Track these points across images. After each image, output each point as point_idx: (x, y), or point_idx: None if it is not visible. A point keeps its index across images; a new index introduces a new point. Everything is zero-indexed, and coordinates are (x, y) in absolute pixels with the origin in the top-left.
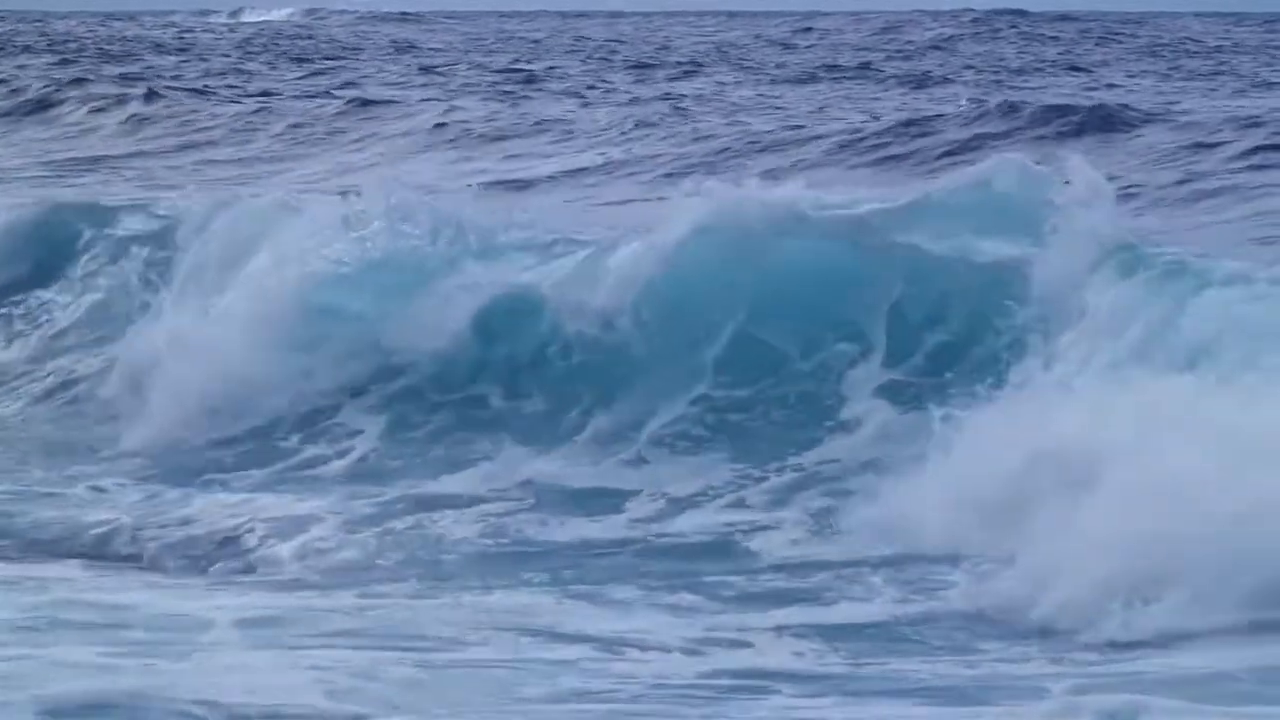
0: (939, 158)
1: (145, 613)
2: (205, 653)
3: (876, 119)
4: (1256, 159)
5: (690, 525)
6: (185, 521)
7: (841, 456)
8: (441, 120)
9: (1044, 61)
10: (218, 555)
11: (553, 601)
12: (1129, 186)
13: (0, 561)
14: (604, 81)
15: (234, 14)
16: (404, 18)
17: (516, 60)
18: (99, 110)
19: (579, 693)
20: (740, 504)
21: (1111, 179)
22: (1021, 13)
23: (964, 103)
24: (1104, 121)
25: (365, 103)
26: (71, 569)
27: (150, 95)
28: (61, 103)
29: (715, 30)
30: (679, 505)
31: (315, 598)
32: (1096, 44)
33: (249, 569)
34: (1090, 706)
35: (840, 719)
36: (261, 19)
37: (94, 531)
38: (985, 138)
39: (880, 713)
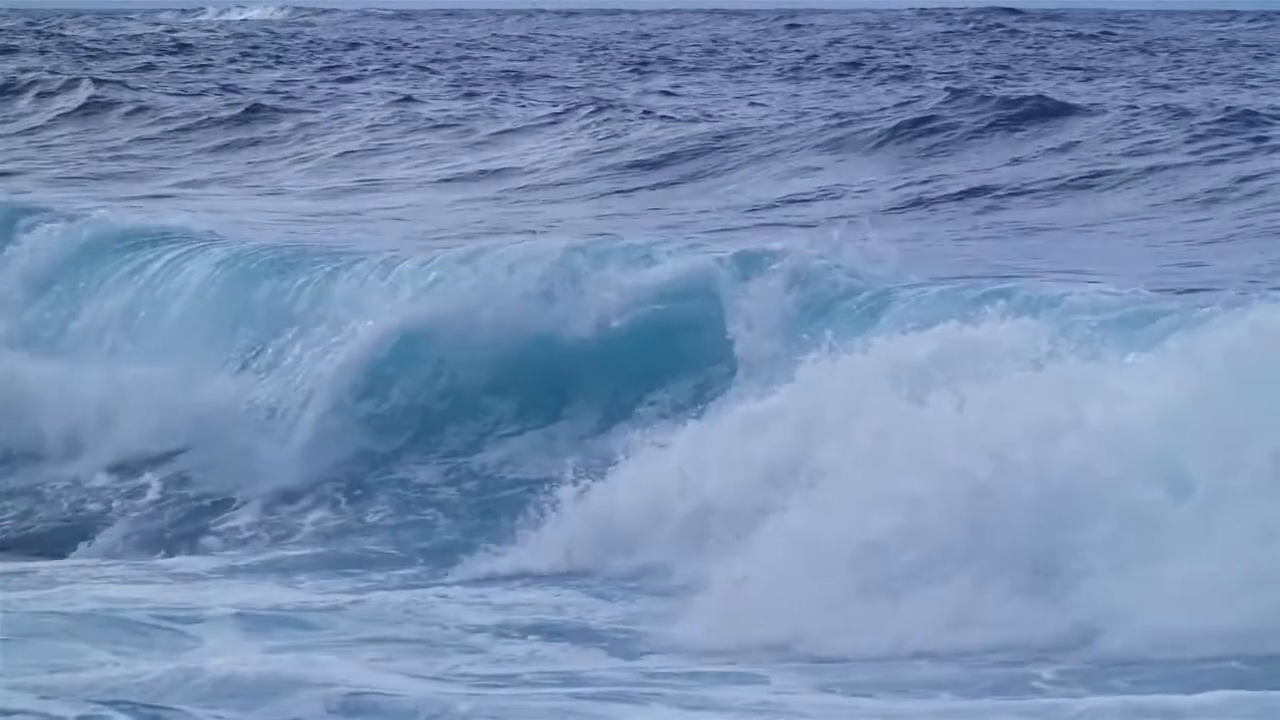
0: (903, 138)
1: (144, 606)
2: (204, 650)
3: (851, 109)
4: (1207, 142)
5: None
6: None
7: None
8: (411, 114)
9: (1033, 60)
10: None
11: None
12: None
13: None
14: (596, 81)
15: (221, 12)
16: (398, 16)
17: (513, 59)
18: (57, 99)
19: (570, 682)
20: None
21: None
22: (1013, 10)
23: (943, 93)
24: (1061, 109)
25: (338, 98)
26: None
27: (107, 85)
28: (21, 93)
29: (709, 26)
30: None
31: (313, 593)
32: (1090, 41)
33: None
34: (1089, 707)
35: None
36: (248, 17)
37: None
38: (946, 123)
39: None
